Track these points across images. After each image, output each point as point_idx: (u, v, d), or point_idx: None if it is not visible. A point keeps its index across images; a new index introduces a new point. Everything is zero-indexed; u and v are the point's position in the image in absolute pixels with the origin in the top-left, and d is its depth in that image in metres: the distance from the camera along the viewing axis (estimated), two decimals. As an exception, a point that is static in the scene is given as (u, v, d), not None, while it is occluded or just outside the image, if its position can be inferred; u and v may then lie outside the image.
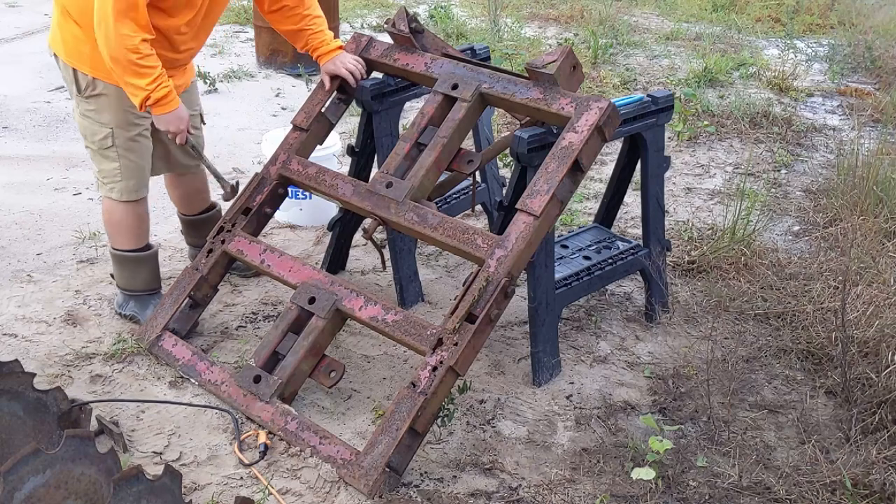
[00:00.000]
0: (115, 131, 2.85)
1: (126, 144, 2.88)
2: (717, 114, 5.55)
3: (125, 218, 3.00)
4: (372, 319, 2.60)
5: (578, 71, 2.71)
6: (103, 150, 2.87)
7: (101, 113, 2.83)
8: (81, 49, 2.75)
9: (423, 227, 2.63)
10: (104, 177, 2.93)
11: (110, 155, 2.88)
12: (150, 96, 2.68)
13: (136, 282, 3.11)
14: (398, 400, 2.40)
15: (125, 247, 3.05)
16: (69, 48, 2.78)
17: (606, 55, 6.75)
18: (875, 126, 5.55)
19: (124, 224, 3.01)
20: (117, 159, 2.89)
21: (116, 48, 2.59)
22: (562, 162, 2.53)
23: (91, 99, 2.82)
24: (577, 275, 3.02)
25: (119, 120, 2.84)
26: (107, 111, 2.83)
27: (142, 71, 2.66)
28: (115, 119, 2.84)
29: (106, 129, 2.85)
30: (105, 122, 2.84)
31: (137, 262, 3.08)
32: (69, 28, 2.76)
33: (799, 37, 7.86)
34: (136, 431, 2.58)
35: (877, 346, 2.95)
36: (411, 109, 5.14)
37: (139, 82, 2.66)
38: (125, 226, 3.01)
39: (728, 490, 2.44)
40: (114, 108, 2.83)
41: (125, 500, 1.86)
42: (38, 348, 2.95)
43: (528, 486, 2.45)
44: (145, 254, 3.08)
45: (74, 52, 2.77)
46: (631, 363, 3.05)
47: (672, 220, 4.16)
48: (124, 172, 2.91)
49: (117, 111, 2.83)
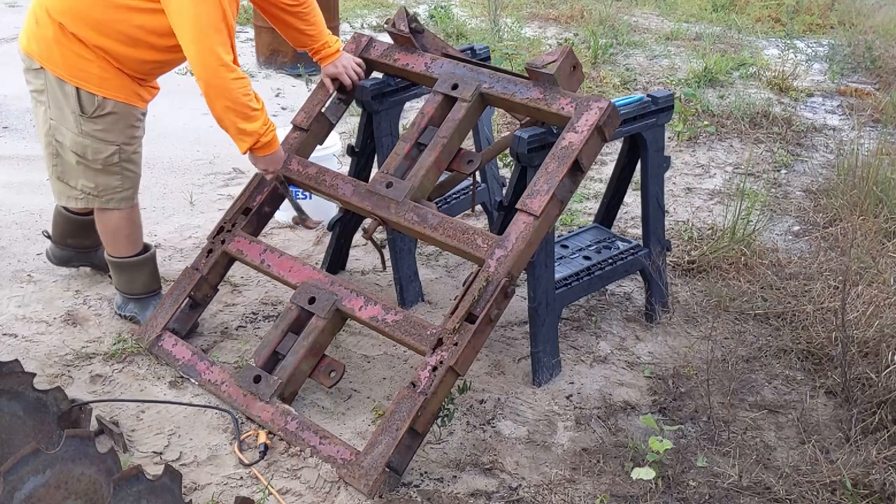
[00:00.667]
0: (122, 148, 2.78)
1: (130, 158, 2.83)
2: (717, 114, 5.55)
3: (123, 226, 2.93)
4: (372, 319, 2.60)
5: (578, 71, 2.71)
6: (107, 167, 2.78)
7: (108, 132, 2.73)
8: (88, 69, 2.63)
9: (423, 227, 2.63)
10: (101, 191, 2.83)
11: (113, 171, 2.80)
12: (259, 140, 2.63)
13: (136, 285, 3.07)
14: (398, 400, 2.40)
15: (123, 254, 2.99)
16: (72, 67, 2.63)
17: (606, 55, 6.75)
18: (875, 126, 5.55)
19: (122, 232, 2.95)
20: (119, 173, 2.81)
21: (234, 97, 2.52)
22: (562, 162, 2.53)
23: (98, 119, 2.70)
24: (577, 275, 3.02)
25: (126, 136, 2.77)
26: (114, 130, 2.73)
27: (252, 114, 2.60)
28: (123, 136, 2.76)
29: (112, 146, 2.75)
30: (112, 140, 2.74)
31: (136, 267, 3.03)
32: (70, 46, 2.62)
33: (799, 37, 7.87)
34: (136, 431, 2.58)
35: (877, 346, 2.95)
36: (411, 109, 5.14)
37: (251, 126, 2.59)
38: (124, 233, 2.95)
39: (728, 490, 2.44)
40: (122, 126, 2.74)
41: (125, 500, 1.86)
42: (38, 348, 2.94)
43: (528, 486, 2.45)
44: (143, 257, 3.03)
45: (79, 71, 2.64)
46: (631, 363, 3.05)
47: (672, 220, 4.16)
48: (125, 184, 2.85)
49: (125, 128, 2.75)
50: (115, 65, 2.66)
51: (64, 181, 2.82)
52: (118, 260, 3.01)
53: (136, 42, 2.62)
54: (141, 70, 2.73)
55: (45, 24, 2.63)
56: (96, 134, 2.72)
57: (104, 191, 2.83)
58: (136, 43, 2.62)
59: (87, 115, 2.68)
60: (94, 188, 2.82)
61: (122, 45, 2.62)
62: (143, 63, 2.70)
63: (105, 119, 2.70)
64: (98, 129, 2.71)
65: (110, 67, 2.65)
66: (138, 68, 2.71)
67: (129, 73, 2.71)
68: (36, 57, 2.69)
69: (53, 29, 2.61)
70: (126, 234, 2.96)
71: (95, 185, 2.81)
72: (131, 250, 3.00)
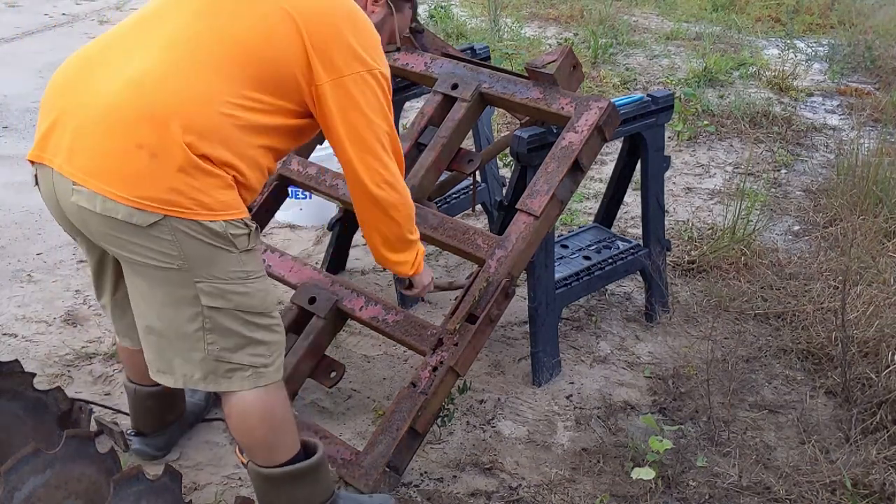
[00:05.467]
0: None
1: None
2: (717, 114, 5.55)
3: (285, 407, 2.01)
4: (372, 319, 2.60)
5: (578, 71, 2.71)
6: (263, 317, 1.93)
7: (260, 265, 1.95)
8: (238, 196, 1.84)
9: (423, 227, 2.63)
10: (272, 352, 1.96)
11: (263, 323, 1.93)
12: (417, 259, 2.24)
13: (319, 493, 2.12)
14: (398, 400, 2.40)
15: (294, 450, 2.05)
16: (216, 201, 1.77)
17: (606, 55, 6.74)
18: (875, 126, 5.55)
19: (288, 417, 2.03)
20: (271, 326, 1.95)
21: (409, 212, 2.10)
22: (562, 162, 2.53)
23: (247, 255, 1.87)
24: (577, 275, 3.02)
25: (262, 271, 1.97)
26: (254, 262, 1.91)
27: (415, 230, 2.21)
28: (261, 270, 1.95)
29: (264, 285, 1.94)
30: (261, 276, 1.93)
31: (319, 469, 2.10)
32: (211, 176, 1.76)
33: (799, 37, 7.86)
34: (136, 431, 2.58)
35: (877, 346, 2.95)
36: (411, 109, 5.13)
37: (415, 239, 2.19)
38: (289, 418, 2.04)
39: (728, 490, 2.44)
40: (259, 258, 1.95)
41: (125, 500, 1.86)
42: (38, 348, 2.95)
43: (528, 485, 2.45)
44: (322, 450, 2.13)
45: (223, 205, 1.78)
46: (631, 363, 3.05)
47: (672, 220, 4.16)
48: (279, 342, 1.99)
49: (260, 261, 1.96)
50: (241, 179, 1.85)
51: (225, 360, 1.89)
52: (291, 469, 2.05)
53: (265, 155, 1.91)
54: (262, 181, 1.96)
55: (176, 155, 1.71)
56: (252, 281, 1.90)
57: (256, 357, 1.93)
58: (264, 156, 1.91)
59: (241, 250, 1.85)
60: (267, 350, 1.95)
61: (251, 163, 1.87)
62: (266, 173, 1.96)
63: (252, 253, 1.91)
64: (250, 272, 1.89)
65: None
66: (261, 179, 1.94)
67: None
68: (153, 200, 1.71)
69: (192, 162, 1.72)
70: (291, 419, 2.06)
71: (268, 346, 1.95)
72: (298, 443, 2.08)
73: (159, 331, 1.88)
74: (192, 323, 1.84)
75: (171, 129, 1.69)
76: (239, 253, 1.85)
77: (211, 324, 1.85)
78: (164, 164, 1.70)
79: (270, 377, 1.96)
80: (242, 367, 1.91)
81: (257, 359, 1.92)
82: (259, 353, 1.93)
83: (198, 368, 1.89)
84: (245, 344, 1.90)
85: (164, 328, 1.87)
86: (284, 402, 2.02)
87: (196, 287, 1.81)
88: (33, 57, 6.12)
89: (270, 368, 1.96)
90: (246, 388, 1.92)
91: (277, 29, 1.83)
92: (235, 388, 1.92)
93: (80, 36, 6.77)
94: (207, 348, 1.87)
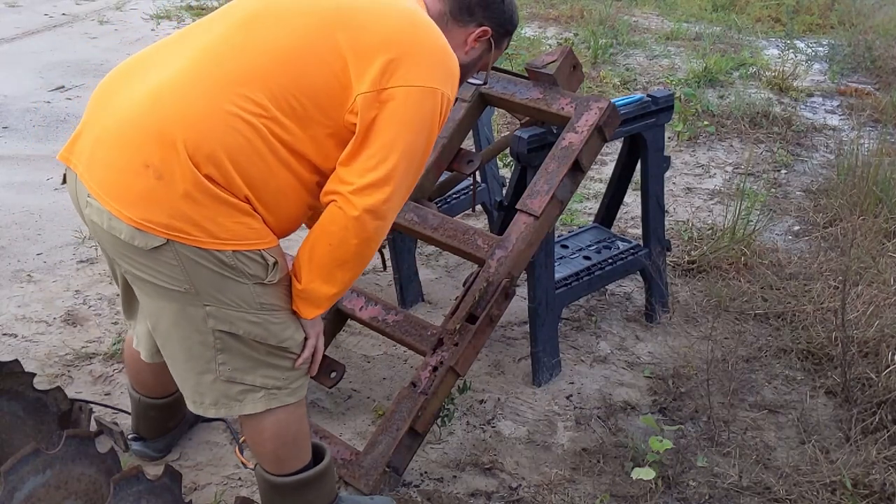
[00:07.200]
0: None
1: None
2: (717, 114, 5.55)
3: (300, 423, 2.00)
4: (372, 319, 2.60)
5: (578, 71, 2.71)
6: (280, 352, 1.88)
7: (283, 300, 1.87)
8: (256, 225, 1.75)
9: (423, 227, 2.63)
10: (263, 381, 1.88)
11: (278, 356, 1.90)
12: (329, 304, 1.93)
13: (323, 497, 2.13)
14: (398, 400, 2.40)
15: (305, 461, 2.06)
16: (224, 229, 1.68)
17: (606, 55, 6.74)
18: (875, 126, 5.55)
19: (303, 431, 2.01)
20: (289, 359, 1.92)
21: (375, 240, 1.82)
22: (562, 162, 2.53)
23: (262, 287, 1.80)
24: (577, 275, 3.02)
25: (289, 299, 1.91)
26: (271, 296, 1.83)
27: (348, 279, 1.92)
28: (280, 305, 1.88)
29: (281, 319, 1.86)
30: (287, 306, 1.89)
31: (326, 474, 2.11)
32: (221, 202, 1.66)
33: (799, 37, 7.86)
34: (136, 431, 2.58)
35: (877, 346, 2.95)
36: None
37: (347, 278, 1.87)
38: (304, 432, 2.02)
39: (728, 490, 2.44)
40: (287, 286, 1.88)
41: (125, 500, 1.86)
42: (38, 348, 2.95)
43: (528, 486, 2.45)
44: (328, 458, 2.12)
45: (232, 234, 1.70)
46: (631, 363, 3.05)
47: (672, 220, 4.16)
48: (298, 372, 1.96)
49: (281, 295, 1.87)
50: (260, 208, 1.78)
51: (237, 381, 1.85)
52: (300, 477, 2.05)
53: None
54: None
55: (190, 181, 1.63)
56: (276, 309, 1.84)
57: (279, 378, 1.90)
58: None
59: (268, 278, 1.79)
60: (282, 374, 1.90)
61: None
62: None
63: (282, 283, 1.85)
64: (278, 300, 1.85)
65: None
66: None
67: None
68: (180, 228, 1.66)
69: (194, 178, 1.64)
70: (306, 432, 2.05)
71: (282, 370, 1.90)
72: (309, 453, 2.09)
73: (170, 352, 1.85)
74: (202, 343, 1.79)
75: (178, 149, 1.61)
76: (252, 284, 1.75)
77: (222, 344, 1.79)
78: (170, 186, 1.61)
79: (283, 400, 1.90)
80: (255, 388, 1.86)
81: (270, 380, 1.87)
82: (273, 375, 1.87)
83: (208, 393, 1.84)
84: (258, 366, 1.85)
85: (175, 349, 1.82)
86: (300, 419, 1.97)
87: (205, 309, 1.74)
88: (33, 57, 6.12)
89: (283, 392, 1.89)
90: (259, 409, 1.88)
91: (317, 45, 1.71)
92: (248, 411, 1.88)
93: (80, 36, 6.77)
94: (219, 369, 1.81)
